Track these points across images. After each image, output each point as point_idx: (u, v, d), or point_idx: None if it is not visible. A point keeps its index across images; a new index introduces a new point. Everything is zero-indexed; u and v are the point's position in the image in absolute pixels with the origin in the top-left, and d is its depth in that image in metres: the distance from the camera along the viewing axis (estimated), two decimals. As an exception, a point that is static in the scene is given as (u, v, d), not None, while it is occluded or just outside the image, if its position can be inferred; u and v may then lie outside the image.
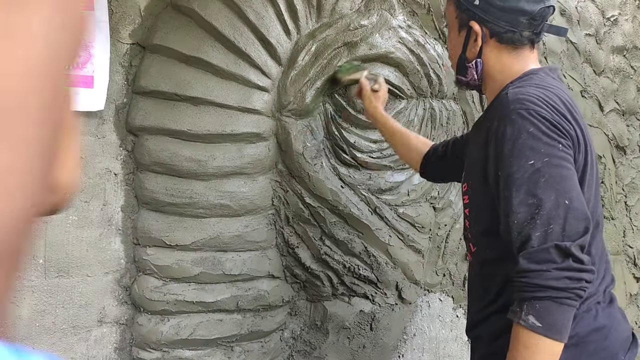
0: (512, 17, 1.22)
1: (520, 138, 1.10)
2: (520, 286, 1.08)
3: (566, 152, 1.10)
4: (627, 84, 2.67)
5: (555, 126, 1.11)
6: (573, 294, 1.05)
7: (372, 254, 1.90)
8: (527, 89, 1.16)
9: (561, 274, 1.04)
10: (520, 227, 1.08)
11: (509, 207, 1.10)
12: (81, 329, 1.65)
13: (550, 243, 1.05)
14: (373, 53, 1.79)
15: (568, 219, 1.06)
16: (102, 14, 1.60)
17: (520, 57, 1.26)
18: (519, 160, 1.09)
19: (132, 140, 1.70)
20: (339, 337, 1.94)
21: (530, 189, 1.08)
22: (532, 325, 1.05)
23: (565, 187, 1.07)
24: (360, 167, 1.85)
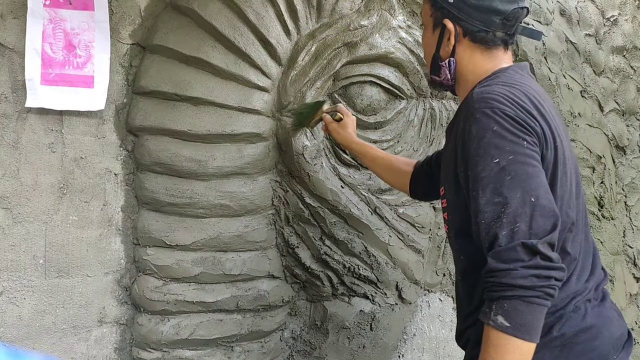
0: (486, 16, 1.21)
1: (485, 137, 1.09)
2: (489, 286, 1.07)
3: (532, 150, 1.09)
4: (627, 84, 2.67)
5: (520, 123, 1.09)
6: (542, 292, 1.03)
7: (372, 254, 1.90)
8: (492, 87, 1.16)
9: (528, 272, 1.02)
10: (488, 226, 1.07)
11: (477, 207, 1.09)
12: (81, 329, 1.65)
13: (517, 241, 1.03)
14: (373, 53, 1.79)
15: (534, 216, 1.04)
16: (102, 14, 1.60)
17: (493, 57, 1.26)
18: (485, 159, 1.08)
19: (132, 140, 1.70)
20: (339, 337, 1.94)
21: (496, 187, 1.07)
22: (500, 325, 1.04)
23: (532, 184, 1.06)
24: (360, 167, 1.86)
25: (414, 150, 1.91)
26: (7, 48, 1.53)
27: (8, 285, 1.55)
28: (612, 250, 2.60)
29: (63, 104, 1.58)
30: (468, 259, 1.23)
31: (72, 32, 1.59)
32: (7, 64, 1.53)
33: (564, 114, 2.34)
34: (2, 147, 1.54)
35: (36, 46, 1.54)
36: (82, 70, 1.60)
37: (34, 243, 1.58)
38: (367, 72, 1.80)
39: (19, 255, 1.56)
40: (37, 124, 1.57)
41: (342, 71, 1.78)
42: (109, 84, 1.63)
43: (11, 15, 1.53)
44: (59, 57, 1.58)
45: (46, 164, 1.59)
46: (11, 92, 1.54)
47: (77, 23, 1.59)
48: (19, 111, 1.55)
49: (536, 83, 1.24)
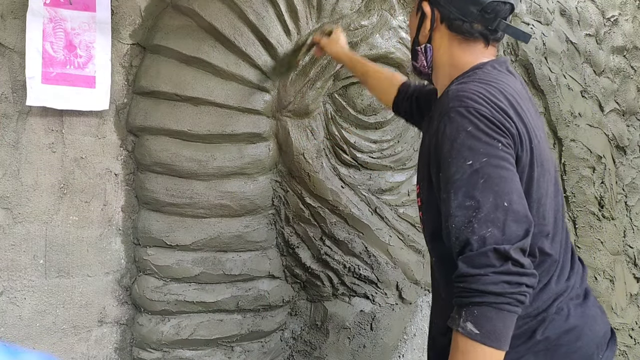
0: (463, 4, 1.17)
1: (458, 138, 1.05)
2: (459, 291, 1.03)
3: (506, 152, 1.05)
4: (628, 84, 2.67)
5: (496, 124, 1.05)
6: (513, 299, 1.00)
7: (372, 254, 1.90)
8: (469, 85, 1.12)
9: (499, 278, 0.99)
10: (459, 230, 1.03)
11: (448, 210, 1.05)
12: (82, 329, 1.65)
13: (488, 247, 0.99)
14: (373, 53, 1.79)
15: (507, 221, 1.01)
16: (103, 15, 1.60)
17: (471, 51, 1.21)
18: (458, 161, 1.04)
19: (132, 140, 1.70)
20: (339, 337, 1.94)
21: (468, 190, 1.03)
22: (469, 332, 1.00)
23: (505, 188, 1.02)
24: (361, 168, 1.86)
25: (414, 150, 1.91)
26: (7, 48, 1.53)
27: (8, 285, 1.55)
28: (613, 250, 2.59)
29: (64, 103, 1.58)
30: (441, 260, 1.20)
31: (73, 32, 1.59)
32: (8, 64, 1.54)
33: (564, 114, 2.34)
34: (3, 147, 1.54)
35: (37, 45, 1.54)
36: (84, 71, 1.60)
37: (35, 243, 1.58)
38: (367, 72, 1.80)
39: (19, 255, 1.56)
40: (37, 124, 1.57)
41: (342, 71, 1.78)
42: (110, 84, 1.63)
43: (11, 15, 1.53)
44: (59, 56, 1.58)
45: (46, 164, 1.59)
46: (11, 92, 1.54)
47: (78, 23, 1.59)
48: (19, 111, 1.55)
49: (515, 80, 1.19)
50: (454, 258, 1.05)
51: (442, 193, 1.07)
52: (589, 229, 2.52)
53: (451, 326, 1.04)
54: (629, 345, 2.57)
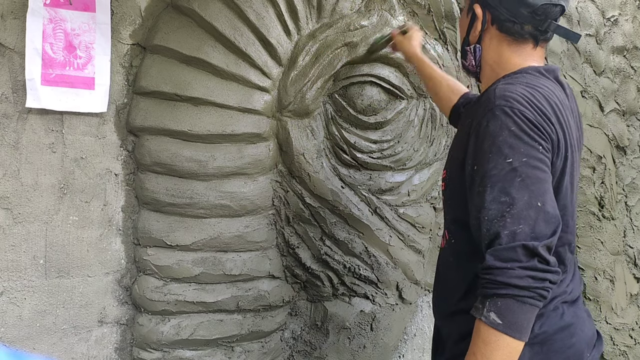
0: (515, 6, 1.21)
1: (501, 135, 1.09)
2: (484, 282, 1.08)
3: (545, 155, 1.09)
4: (628, 84, 2.67)
5: (538, 127, 1.09)
6: (536, 294, 1.05)
7: (372, 254, 1.90)
8: (515, 86, 1.15)
9: (525, 273, 1.04)
10: (490, 223, 1.07)
11: (481, 202, 1.09)
12: (82, 329, 1.65)
13: (517, 242, 1.04)
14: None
15: (538, 221, 1.05)
16: (103, 16, 1.60)
17: (520, 52, 1.25)
18: (497, 157, 1.08)
19: (132, 140, 1.70)
20: (339, 337, 1.94)
21: (504, 186, 1.07)
22: (492, 322, 1.05)
23: (540, 189, 1.07)
24: (361, 168, 1.86)
25: (414, 150, 1.91)
26: (7, 48, 1.53)
27: (8, 285, 1.55)
28: (613, 251, 2.60)
29: (63, 105, 1.58)
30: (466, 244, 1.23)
31: (73, 32, 1.59)
32: (8, 64, 1.53)
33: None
34: (3, 148, 1.54)
35: (37, 46, 1.54)
36: (83, 72, 1.60)
37: (35, 243, 1.58)
38: (367, 72, 1.80)
39: (19, 256, 1.56)
40: (37, 124, 1.57)
41: (342, 71, 1.78)
42: (109, 85, 1.63)
43: (11, 15, 1.53)
44: (59, 57, 1.58)
45: (47, 164, 1.59)
46: (12, 92, 1.54)
47: (78, 24, 1.59)
48: (19, 111, 1.55)
49: (561, 89, 1.23)
50: (482, 249, 1.09)
51: (477, 186, 1.11)
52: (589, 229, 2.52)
53: (475, 315, 1.09)
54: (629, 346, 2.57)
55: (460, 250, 1.27)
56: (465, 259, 1.23)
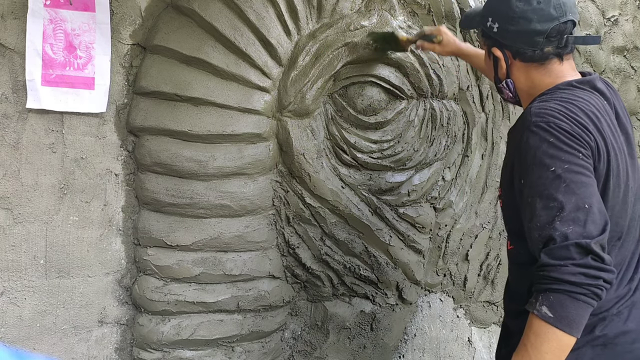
0: (529, 38, 1.28)
1: (541, 147, 1.16)
2: (538, 279, 1.12)
3: (586, 161, 1.15)
4: (628, 84, 2.67)
5: (575, 137, 1.15)
6: (589, 291, 1.08)
7: (372, 254, 1.90)
8: (549, 103, 1.22)
9: (578, 270, 1.07)
10: (542, 229, 1.13)
11: (532, 211, 1.15)
12: (82, 329, 1.65)
13: (570, 241, 1.08)
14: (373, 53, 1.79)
15: (587, 221, 1.10)
16: (103, 16, 1.60)
17: (549, 72, 1.31)
18: (541, 168, 1.15)
19: (132, 140, 1.70)
20: (339, 337, 1.94)
21: (551, 193, 1.13)
22: (544, 315, 1.09)
23: (585, 192, 1.12)
24: (361, 168, 1.86)
25: (414, 150, 1.91)
26: (7, 48, 1.53)
27: (9, 285, 1.55)
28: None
29: (63, 105, 1.58)
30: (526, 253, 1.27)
31: (73, 32, 1.59)
32: (8, 64, 1.54)
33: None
34: (3, 148, 1.54)
35: (37, 46, 1.54)
36: (83, 72, 1.60)
37: (35, 243, 1.58)
38: (367, 73, 1.80)
39: (19, 256, 1.56)
40: (37, 125, 1.57)
41: (342, 71, 1.78)
42: (109, 85, 1.63)
43: (12, 15, 1.53)
44: (59, 58, 1.58)
45: (47, 164, 1.59)
46: (12, 92, 1.54)
47: (78, 24, 1.59)
48: (19, 111, 1.55)
49: (597, 97, 1.27)
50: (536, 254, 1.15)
51: (527, 197, 1.18)
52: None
53: (528, 309, 1.14)
54: None
55: (521, 258, 1.31)
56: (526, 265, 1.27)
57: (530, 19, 1.26)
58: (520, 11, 1.27)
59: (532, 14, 1.26)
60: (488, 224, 2.13)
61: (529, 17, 1.26)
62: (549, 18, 1.25)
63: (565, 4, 1.26)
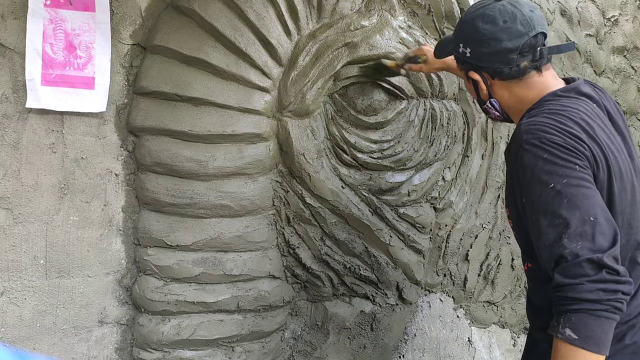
0: (502, 57, 1.28)
1: (537, 165, 1.15)
2: (557, 300, 1.10)
3: (584, 172, 1.13)
4: (628, 85, 2.67)
5: (569, 149, 1.14)
6: (609, 306, 1.06)
7: (372, 254, 1.90)
8: (538, 117, 1.22)
9: (594, 287, 1.05)
10: (551, 248, 1.11)
11: (538, 230, 1.14)
12: (82, 329, 1.65)
13: (582, 257, 1.06)
14: (374, 53, 1.78)
15: (595, 234, 1.08)
16: (103, 15, 1.60)
17: (531, 84, 1.31)
18: (540, 186, 1.14)
19: (133, 140, 1.70)
20: (339, 337, 1.94)
21: (555, 210, 1.11)
22: (568, 337, 1.07)
23: (589, 204, 1.10)
24: (361, 168, 1.86)
25: (414, 150, 1.91)
26: (7, 48, 1.53)
27: (9, 285, 1.55)
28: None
29: (64, 105, 1.58)
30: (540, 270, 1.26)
31: (73, 32, 1.59)
32: (8, 64, 1.54)
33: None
34: (3, 148, 1.54)
35: (37, 46, 1.54)
36: (83, 72, 1.60)
37: (35, 243, 1.58)
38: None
39: (19, 256, 1.56)
40: (37, 125, 1.57)
41: (342, 71, 1.78)
42: (109, 85, 1.63)
43: (12, 15, 1.53)
44: (59, 57, 1.58)
45: (47, 164, 1.59)
46: (12, 92, 1.54)
47: (78, 24, 1.59)
48: (19, 112, 1.55)
49: (586, 102, 1.26)
50: (550, 273, 1.13)
51: (531, 216, 1.16)
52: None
53: (551, 333, 1.11)
54: None
55: (541, 274, 1.29)
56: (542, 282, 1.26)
57: (501, 38, 1.26)
58: (489, 33, 1.27)
59: (502, 34, 1.26)
60: (488, 224, 2.13)
61: (499, 37, 1.26)
62: (518, 34, 1.25)
63: (532, 19, 1.26)
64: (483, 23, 1.28)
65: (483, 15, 1.29)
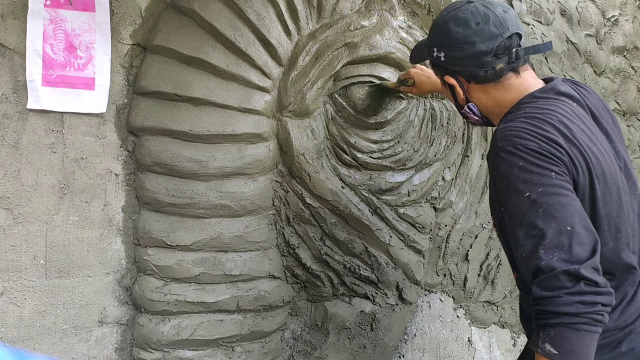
0: (476, 60, 1.24)
1: (512, 174, 1.11)
2: (536, 314, 1.08)
3: (560, 179, 1.10)
4: (628, 84, 2.67)
5: (545, 155, 1.11)
6: (589, 319, 1.02)
7: (372, 255, 1.90)
8: (514, 122, 1.18)
9: (572, 299, 1.02)
10: (528, 259, 1.08)
11: (516, 241, 1.11)
12: (82, 329, 1.65)
13: (558, 269, 1.03)
14: (373, 54, 1.79)
15: (573, 245, 1.05)
16: (103, 15, 1.60)
17: (508, 87, 1.27)
18: (516, 195, 1.11)
19: (133, 140, 1.70)
20: (339, 337, 1.94)
21: (531, 220, 1.08)
22: (548, 353, 1.04)
23: (565, 213, 1.07)
24: (361, 168, 1.86)
25: (414, 150, 1.91)
26: (7, 49, 1.53)
27: (9, 285, 1.55)
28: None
29: (64, 106, 1.58)
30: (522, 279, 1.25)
31: (73, 33, 1.59)
32: (8, 64, 1.54)
33: (564, 114, 2.33)
34: (3, 148, 1.54)
35: (37, 47, 1.54)
36: (83, 72, 1.60)
37: (35, 243, 1.58)
38: (367, 73, 1.80)
39: (19, 256, 1.56)
40: (37, 125, 1.57)
41: (342, 71, 1.78)
42: (109, 85, 1.63)
43: (12, 15, 1.53)
44: (59, 58, 1.58)
45: (47, 164, 1.59)
46: (12, 92, 1.54)
47: (78, 24, 1.59)
48: (19, 112, 1.55)
49: (564, 102, 1.22)
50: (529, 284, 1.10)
51: (509, 226, 1.14)
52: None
53: (532, 348, 1.09)
54: None
55: (524, 285, 1.28)
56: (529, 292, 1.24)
57: (474, 41, 1.23)
58: (461, 36, 1.24)
59: (474, 36, 1.22)
60: (488, 224, 2.13)
61: (472, 40, 1.23)
62: (492, 36, 1.22)
63: (505, 20, 1.22)
64: (455, 26, 1.25)
65: (455, 17, 1.26)
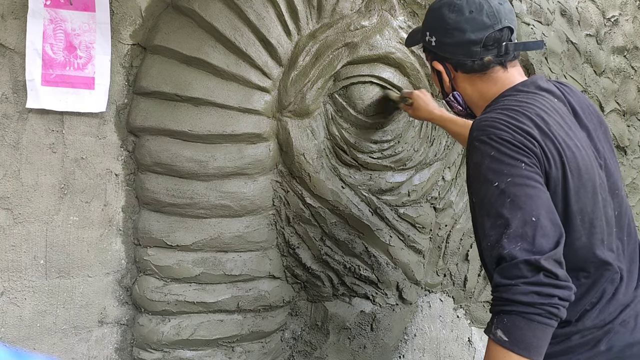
0: (465, 49, 1.25)
1: (484, 163, 1.12)
2: (493, 300, 1.08)
3: (530, 171, 1.09)
4: (628, 85, 2.67)
5: (517, 146, 1.10)
6: (543, 311, 1.02)
7: (372, 255, 1.90)
8: (491, 114, 1.18)
9: (529, 289, 1.02)
10: (492, 248, 1.08)
11: (483, 232, 1.11)
12: (82, 329, 1.65)
13: (519, 259, 1.03)
14: (373, 54, 1.79)
15: (536, 236, 1.04)
16: (103, 15, 1.60)
17: (494, 80, 1.27)
18: (486, 185, 1.11)
19: (133, 140, 1.70)
20: (339, 337, 1.94)
21: (498, 210, 1.08)
22: (499, 339, 1.04)
23: (532, 205, 1.06)
24: (361, 168, 1.86)
25: (414, 150, 1.91)
26: (7, 48, 1.53)
27: (9, 285, 1.55)
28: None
29: (64, 105, 1.58)
30: None
31: (73, 32, 1.59)
32: (8, 64, 1.54)
33: (564, 114, 2.33)
34: (3, 148, 1.54)
35: (37, 47, 1.54)
36: (83, 72, 1.60)
37: (35, 243, 1.58)
38: (367, 73, 1.80)
39: (19, 256, 1.56)
40: (37, 125, 1.57)
41: (342, 71, 1.78)
42: (109, 85, 1.63)
43: (12, 15, 1.53)
44: (59, 57, 1.58)
45: (47, 164, 1.59)
46: (12, 92, 1.54)
47: (78, 24, 1.59)
48: (19, 112, 1.55)
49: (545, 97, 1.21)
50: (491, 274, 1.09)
51: (478, 217, 1.14)
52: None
53: (485, 333, 1.09)
54: None
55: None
56: None
57: (464, 29, 1.22)
58: (453, 22, 1.24)
59: (465, 24, 1.22)
60: (488, 224, 2.13)
61: (463, 27, 1.23)
62: (483, 27, 1.21)
63: (499, 12, 1.22)
64: (449, 12, 1.25)
65: (450, 4, 1.26)
